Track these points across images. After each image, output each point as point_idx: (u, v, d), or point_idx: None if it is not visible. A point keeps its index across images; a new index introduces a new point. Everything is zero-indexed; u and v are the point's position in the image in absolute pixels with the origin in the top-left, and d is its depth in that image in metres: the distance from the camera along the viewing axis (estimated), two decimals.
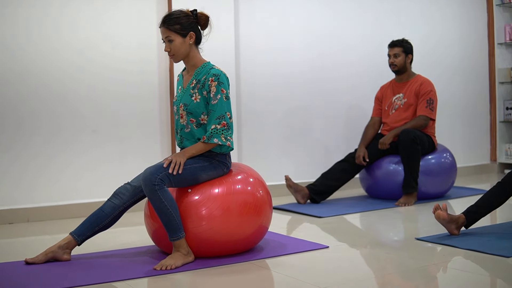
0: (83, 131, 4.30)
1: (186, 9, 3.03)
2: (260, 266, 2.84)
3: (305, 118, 5.31)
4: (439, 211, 3.28)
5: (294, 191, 4.56)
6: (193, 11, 3.03)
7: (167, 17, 3.00)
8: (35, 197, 4.15)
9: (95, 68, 4.32)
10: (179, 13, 3.00)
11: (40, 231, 3.83)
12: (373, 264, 2.95)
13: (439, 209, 3.29)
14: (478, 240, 3.18)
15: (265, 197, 3.04)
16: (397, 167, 4.62)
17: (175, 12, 3.01)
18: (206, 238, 2.87)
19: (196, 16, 3.03)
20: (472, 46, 6.39)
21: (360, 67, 5.56)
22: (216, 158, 2.99)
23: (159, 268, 2.75)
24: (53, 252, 2.92)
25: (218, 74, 2.98)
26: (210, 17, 3.07)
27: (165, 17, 3.01)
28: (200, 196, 2.89)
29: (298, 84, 5.26)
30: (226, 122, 2.95)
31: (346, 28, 5.50)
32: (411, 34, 5.29)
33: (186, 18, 2.99)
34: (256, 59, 5.03)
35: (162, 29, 3.00)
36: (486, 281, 2.61)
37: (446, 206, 3.29)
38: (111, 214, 2.98)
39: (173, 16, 2.99)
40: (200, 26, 3.06)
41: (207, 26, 3.07)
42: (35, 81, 4.13)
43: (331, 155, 5.30)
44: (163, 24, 3.00)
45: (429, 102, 4.71)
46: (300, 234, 3.59)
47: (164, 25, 2.99)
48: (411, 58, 4.83)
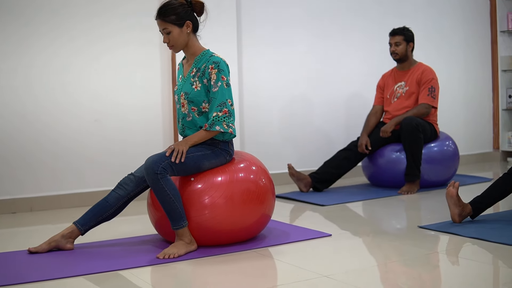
0: (85, 119, 4.29)
1: None
2: (263, 255, 2.84)
3: (307, 106, 5.29)
4: (450, 188, 3.26)
5: (297, 179, 4.55)
6: None
7: (162, 9, 2.95)
8: (38, 187, 4.15)
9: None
10: (174, 3, 2.95)
11: (43, 220, 3.84)
12: (376, 252, 2.95)
13: (452, 186, 3.27)
14: (482, 228, 3.17)
15: (268, 186, 3.04)
16: (400, 155, 4.61)
17: (169, 2, 2.96)
18: (209, 226, 2.87)
19: (190, 4, 2.99)
20: (474, 34, 6.36)
21: (361, 55, 5.54)
22: (218, 146, 2.99)
23: (162, 257, 2.75)
24: (56, 241, 2.92)
25: (218, 61, 2.96)
26: (205, 3, 3.04)
27: (160, 8, 2.96)
28: (203, 184, 2.88)
29: (300, 72, 5.24)
30: (227, 109, 2.94)
31: (348, 19, 5.47)
32: (413, 23, 5.26)
33: (181, 7, 2.95)
34: (258, 47, 5.00)
35: (158, 21, 2.97)
36: (490, 269, 2.61)
37: (458, 185, 3.28)
38: (115, 204, 2.97)
39: (168, 7, 2.94)
40: (196, 14, 3.02)
41: (203, 12, 3.04)
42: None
43: (333, 144, 5.30)
44: (158, 16, 2.96)
45: (430, 90, 4.69)
46: (303, 222, 3.58)
47: (160, 17, 2.96)
48: (412, 46, 4.81)
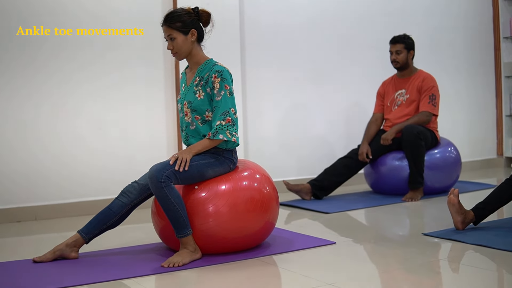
0: (90, 128, 4.31)
1: (187, 7, 3.03)
2: (267, 263, 2.85)
3: (307, 114, 5.30)
4: (451, 196, 3.27)
5: (296, 191, 4.57)
6: (195, 8, 3.04)
7: (169, 15, 3.00)
8: (43, 196, 4.16)
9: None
10: (181, 11, 3.00)
11: (48, 229, 3.85)
12: (380, 260, 2.95)
13: (453, 194, 3.28)
14: (485, 235, 3.17)
15: (271, 194, 3.04)
16: (402, 162, 4.61)
17: (176, 10, 3.02)
18: (213, 234, 2.88)
19: (197, 14, 3.03)
20: (477, 40, 6.37)
21: (361, 63, 5.56)
22: (222, 155, 3.00)
23: (166, 265, 2.76)
24: (60, 250, 2.93)
25: (221, 70, 2.98)
26: (211, 14, 3.07)
27: (167, 15, 3.01)
28: (207, 193, 2.89)
29: (303, 79, 5.26)
30: (230, 118, 2.95)
31: (350, 24, 5.49)
32: (416, 29, 5.28)
33: (188, 15, 3.00)
34: (261, 56, 5.02)
35: (164, 27, 3.01)
36: (494, 276, 2.61)
37: (458, 192, 3.29)
38: (119, 212, 2.99)
39: (174, 14, 2.99)
40: (202, 23, 3.06)
41: (209, 23, 3.07)
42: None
43: (334, 152, 5.31)
44: (164, 23, 3.01)
45: (431, 98, 4.69)
46: (307, 230, 3.59)
47: (165, 23, 3.00)
48: (413, 54, 4.81)
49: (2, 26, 4.00)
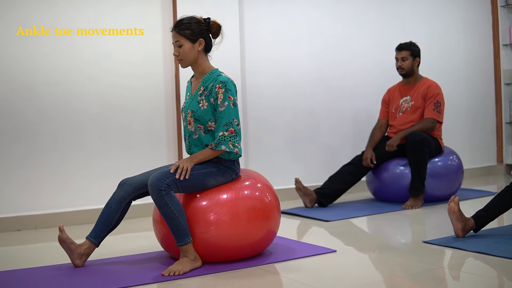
0: (90, 138, 4.31)
1: (199, 16, 3.06)
2: (268, 271, 2.85)
3: (311, 121, 5.31)
4: (451, 204, 3.27)
5: (303, 194, 4.56)
6: (206, 19, 3.06)
7: (179, 22, 3.04)
8: (43, 204, 4.16)
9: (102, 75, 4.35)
10: (191, 19, 3.03)
11: (48, 237, 3.85)
12: (381, 268, 2.95)
13: (453, 202, 3.28)
14: (486, 242, 3.17)
15: (273, 202, 3.05)
16: (404, 169, 4.61)
17: (187, 17, 3.05)
18: (214, 243, 2.88)
19: (208, 24, 3.05)
20: (477, 48, 6.38)
21: (366, 69, 5.56)
22: (224, 164, 3.00)
23: (167, 274, 2.76)
24: (74, 249, 2.93)
25: (225, 81, 3.00)
26: (222, 26, 3.09)
27: (177, 21, 3.05)
28: (208, 201, 2.90)
29: (304, 87, 5.26)
30: (233, 129, 2.96)
31: (352, 32, 5.50)
32: (416, 37, 5.29)
33: (198, 24, 3.02)
34: (262, 64, 5.03)
35: (173, 33, 3.04)
36: (494, 283, 2.61)
37: (458, 200, 3.29)
38: (119, 208, 3.00)
39: (184, 21, 3.02)
40: (211, 35, 3.08)
41: (218, 35, 3.10)
42: (42, 87, 4.15)
43: (338, 158, 5.30)
44: (174, 28, 3.04)
45: (436, 105, 4.70)
46: (308, 238, 3.59)
47: (175, 29, 3.03)
48: (418, 61, 4.83)
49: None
